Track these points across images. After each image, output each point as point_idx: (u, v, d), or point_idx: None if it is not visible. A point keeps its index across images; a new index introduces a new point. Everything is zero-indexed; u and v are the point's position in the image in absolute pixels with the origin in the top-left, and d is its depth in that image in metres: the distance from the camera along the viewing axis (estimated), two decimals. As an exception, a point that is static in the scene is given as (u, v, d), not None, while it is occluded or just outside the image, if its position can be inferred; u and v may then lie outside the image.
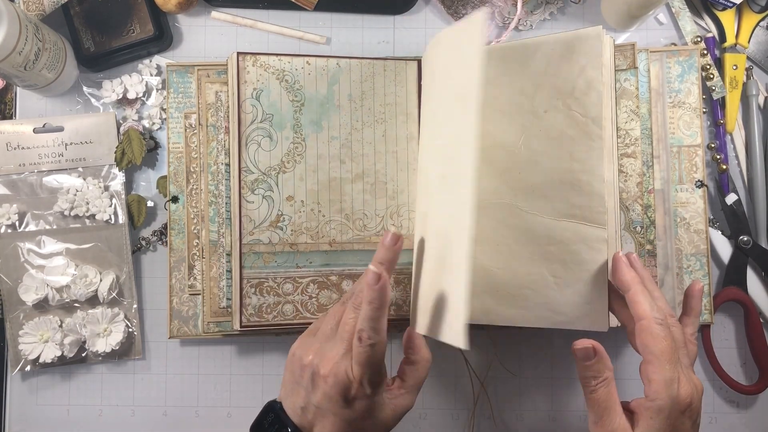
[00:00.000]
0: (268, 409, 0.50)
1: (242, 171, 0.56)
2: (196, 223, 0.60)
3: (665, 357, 0.43)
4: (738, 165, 0.63)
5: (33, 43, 0.56)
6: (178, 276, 0.60)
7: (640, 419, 0.44)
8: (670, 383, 0.42)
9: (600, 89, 0.50)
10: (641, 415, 0.44)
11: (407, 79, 0.59)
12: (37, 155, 0.63)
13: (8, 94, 0.66)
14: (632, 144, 0.57)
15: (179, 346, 0.64)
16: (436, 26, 0.65)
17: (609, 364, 0.45)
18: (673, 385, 0.42)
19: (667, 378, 0.42)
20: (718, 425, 0.62)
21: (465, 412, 0.63)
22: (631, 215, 0.57)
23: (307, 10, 0.65)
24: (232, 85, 0.56)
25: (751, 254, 0.62)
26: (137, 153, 0.62)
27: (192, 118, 0.61)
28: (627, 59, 0.58)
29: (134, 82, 0.64)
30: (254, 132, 0.57)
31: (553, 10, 0.64)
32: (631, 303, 0.45)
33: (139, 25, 0.63)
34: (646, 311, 0.44)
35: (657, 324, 0.43)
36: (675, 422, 0.42)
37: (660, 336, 0.43)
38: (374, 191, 0.58)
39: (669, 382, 0.42)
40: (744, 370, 0.63)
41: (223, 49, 0.65)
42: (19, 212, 0.62)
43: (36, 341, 0.61)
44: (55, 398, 0.63)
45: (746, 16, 0.63)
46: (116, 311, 0.62)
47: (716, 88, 0.62)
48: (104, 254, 0.63)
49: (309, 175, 0.57)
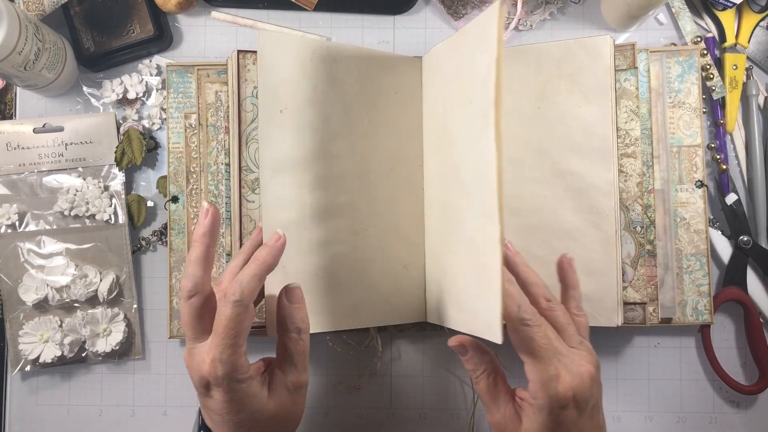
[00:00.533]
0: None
1: (243, 170, 0.56)
2: (196, 223, 0.60)
3: (537, 357, 0.42)
4: (738, 165, 0.63)
5: (33, 43, 0.56)
6: (178, 276, 0.60)
7: (524, 415, 0.44)
8: (546, 383, 0.42)
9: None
10: (525, 410, 0.44)
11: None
12: (37, 155, 0.63)
13: (8, 94, 0.66)
14: (632, 144, 0.57)
15: (179, 346, 0.64)
16: (436, 26, 0.65)
17: (486, 357, 0.46)
18: (550, 384, 0.42)
19: (543, 378, 0.42)
20: (718, 425, 0.62)
21: (465, 412, 0.63)
22: (631, 215, 0.57)
23: (307, 10, 0.65)
24: (233, 83, 0.56)
25: (751, 254, 0.62)
26: (137, 153, 0.62)
27: (192, 118, 0.61)
28: (627, 59, 0.58)
29: (134, 82, 0.64)
30: (255, 131, 0.56)
31: (553, 10, 0.64)
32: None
33: (139, 25, 0.63)
34: (510, 313, 0.43)
35: (523, 326, 0.42)
36: (558, 417, 0.42)
37: (528, 337, 0.42)
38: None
39: (545, 381, 0.42)
40: (744, 370, 0.63)
41: (223, 49, 0.65)
42: (19, 212, 0.62)
43: (36, 341, 0.61)
44: (55, 398, 0.63)
45: (746, 16, 0.64)
46: (116, 311, 0.62)
47: (716, 88, 0.62)
48: (104, 254, 0.63)
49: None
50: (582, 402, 0.42)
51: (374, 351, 0.63)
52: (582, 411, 0.43)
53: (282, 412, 0.45)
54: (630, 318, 0.57)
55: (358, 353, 0.63)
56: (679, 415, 0.62)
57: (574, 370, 0.43)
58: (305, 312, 0.47)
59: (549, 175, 0.55)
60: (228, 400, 0.43)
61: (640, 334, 0.62)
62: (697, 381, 0.62)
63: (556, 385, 0.42)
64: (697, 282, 0.59)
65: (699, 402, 0.62)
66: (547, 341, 0.42)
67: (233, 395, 0.43)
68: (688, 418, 0.62)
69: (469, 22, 0.64)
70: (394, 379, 0.63)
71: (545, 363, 0.42)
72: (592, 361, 0.44)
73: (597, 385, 0.44)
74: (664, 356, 0.62)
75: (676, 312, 0.59)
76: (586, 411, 0.43)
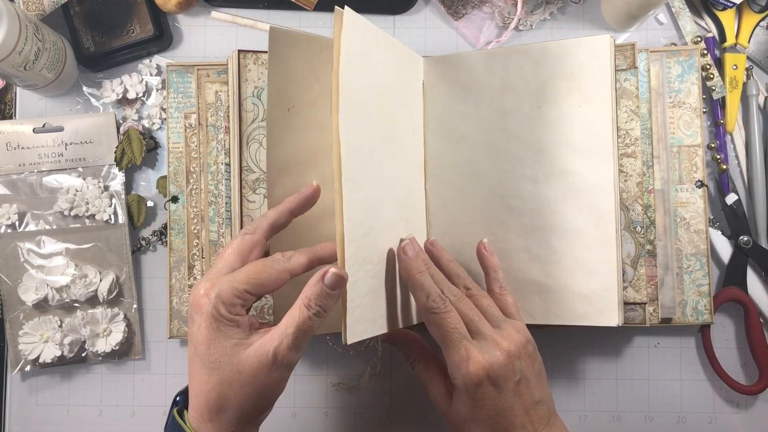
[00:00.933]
0: None
1: (243, 170, 0.56)
2: (196, 223, 0.60)
3: (447, 341, 0.45)
4: (738, 165, 0.63)
5: (33, 43, 0.56)
6: (178, 276, 0.60)
7: (453, 393, 0.47)
8: (458, 364, 0.44)
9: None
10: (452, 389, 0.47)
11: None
12: (37, 155, 0.63)
13: (8, 94, 0.66)
14: (632, 144, 0.57)
15: (179, 346, 0.64)
16: (436, 26, 0.65)
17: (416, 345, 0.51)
18: (461, 365, 0.44)
19: (455, 360, 0.45)
20: (718, 425, 0.62)
21: (465, 412, 0.63)
22: (631, 215, 0.57)
23: (307, 10, 0.65)
24: (233, 83, 0.56)
25: (751, 254, 0.62)
26: (137, 153, 0.62)
27: (192, 118, 0.61)
28: (627, 59, 0.58)
29: (134, 82, 0.64)
30: (255, 131, 0.56)
31: (553, 10, 0.64)
32: (412, 289, 0.48)
33: (139, 25, 0.63)
34: (420, 303, 0.47)
35: (431, 314, 0.46)
36: (475, 395, 0.44)
37: (437, 324, 0.45)
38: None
39: (456, 363, 0.44)
40: (744, 370, 0.63)
41: (223, 49, 0.65)
42: (19, 212, 0.62)
43: (36, 341, 0.61)
44: (54, 398, 0.63)
45: (746, 16, 0.64)
46: (116, 311, 0.62)
47: (716, 88, 0.62)
48: (104, 254, 0.63)
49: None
50: (499, 379, 0.44)
51: (374, 351, 0.63)
52: (501, 388, 0.44)
53: (259, 379, 0.42)
54: (630, 318, 0.57)
55: (358, 353, 0.63)
56: (679, 415, 0.62)
57: (489, 350, 0.45)
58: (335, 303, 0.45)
59: (549, 175, 0.55)
60: (206, 326, 0.42)
61: (640, 334, 0.62)
62: (697, 381, 0.62)
63: (467, 366, 0.44)
64: (697, 282, 0.59)
65: (699, 402, 0.62)
66: (454, 326, 0.45)
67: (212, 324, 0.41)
68: (688, 418, 0.62)
69: (469, 22, 0.64)
70: (394, 379, 0.63)
71: (455, 346, 0.45)
72: (514, 339, 0.46)
73: (523, 361, 0.46)
74: (664, 356, 0.62)
75: (676, 312, 0.59)
76: (507, 387, 0.44)
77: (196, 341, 0.42)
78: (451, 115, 0.57)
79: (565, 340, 0.63)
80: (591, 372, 0.63)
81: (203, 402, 0.42)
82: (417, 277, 0.47)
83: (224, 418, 0.42)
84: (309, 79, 0.51)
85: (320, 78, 0.52)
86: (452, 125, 0.57)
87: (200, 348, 0.42)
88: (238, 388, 0.42)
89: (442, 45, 0.65)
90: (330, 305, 0.43)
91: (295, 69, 0.50)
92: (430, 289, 0.46)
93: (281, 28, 0.49)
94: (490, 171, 0.56)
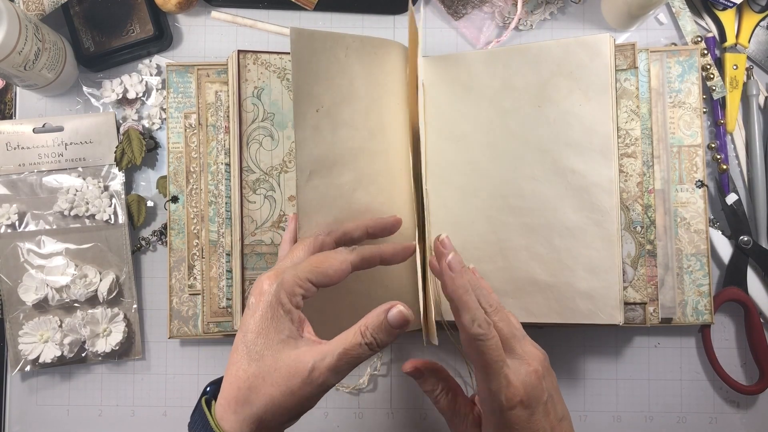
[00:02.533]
0: None
1: (243, 171, 0.56)
2: (196, 223, 0.60)
3: (487, 370, 0.43)
4: (738, 165, 0.63)
5: (33, 43, 0.56)
6: (178, 276, 0.60)
7: (483, 419, 0.46)
8: (495, 392, 0.43)
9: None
10: (481, 413, 0.46)
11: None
12: (36, 155, 0.63)
13: (8, 94, 0.65)
14: (632, 144, 0.57)
15: (179, 346, 0.64)
16: (436, 26, 0.65)
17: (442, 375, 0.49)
18: (499, 392, 0.43)
19: (493, 388, 0.43)
20: (718, 425, 0.62)
21: (465, 412, 0.63)
22: (631, 215, 0.57)
23: (307, 10, 0.65)
24: (233, 83, 0.56)
25: (751, 254, 0.62)
26: (137, 153, 0.62)
27: (192, 118, 0.61)
28: (627, 59, 0.58)
29: (134, 82, 0.64)
30: (255, 131, 0.56)
31: (553, 10, 0.64)
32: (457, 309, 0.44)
33: (139, 25, 0.63)
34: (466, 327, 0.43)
35: (477, 341, 0.42)
36: (508, 420, 0.43)
37: (480, 351, 0.42)
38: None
39: (494, 391, 0.43)
40: (744, 370, 0.63)
41: (223, 49, 0.65)
42: (18, 212, 0.62)
43: (36, 341, 0.61)
44: (54, 398, 0.63)
45: (746, 16, 0.63)
46: (116, 311, 0.62)
47: (716, 88, 0.62)
48: (104, 254, 0.63)
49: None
50: (531, 401, 0.43)
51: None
52: (533, 410, 0.43)
53: (291, 385, 0.40)
54: (630, 318, 0.57)
55: (359, 353, 0.63)
56: (679, 415, 0.62)
57: (522, 372, 0.43)
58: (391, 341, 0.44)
59: (550, 174, 0.55)
60: (261, 313, 0.41)
61: (640, 334, 0.62)
62: (697, 381, 0.62)
63: (504, 393, 0.42)
64: (698, 282, 0.59)
65: (699, 402, 0.62)
66: (497, 353, 0.43)
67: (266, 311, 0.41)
68: (688, 418, 0.62)
69: (469, 22, 0.64)
70: (394, 379, 0.63)
71: (495, 374, 0.42)
72: (537, 357, 0.45)
73: (547, 379, 0.45)
74: (664, 356, 0.62)
75: (677, 312, 0.59)
76: (538, 409, 0.44)
77: (247, 328, 0.41)
78: (451, 115, 0.57)
79: (565, 340, 0.63)
80: (591, 372, 0.63)
81: (234, 390, 0.41)
82: (464, 297, 0.43)
83: (247, 413, 0.41)
84: (337, 79, 0.50)
85: (349, 76, 0.51)
86: (453, 125, 0.57)
87: (249, 336, 0.41)
88: (269, 385, 0.40)
89: (442, 45, 0.65)
90: (386, 341, 0.41)
91: (321, 69, 0.49)
92: (476, 312, 0.43)
93: (303, 29, 0.48)
94: (491, 170, 0.56)
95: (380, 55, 0.53)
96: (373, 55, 0.52)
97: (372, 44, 0.52)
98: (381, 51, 0.53)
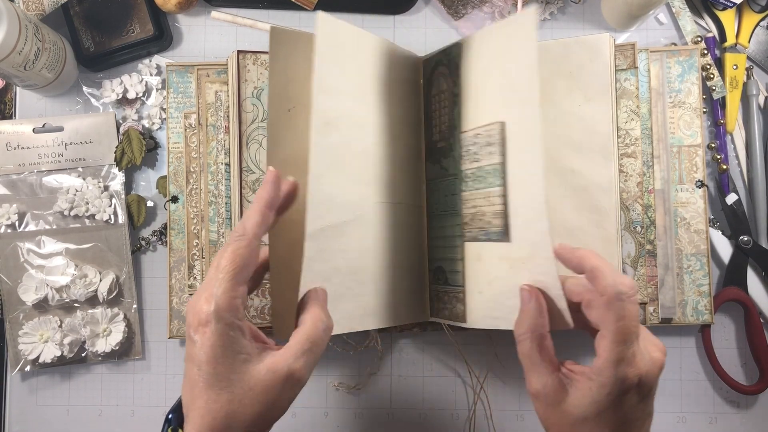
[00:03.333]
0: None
1: (243, 171, 0.56)
2: (196, 223, 0.60)
3: (621, 335, 0.40)
4: (738, 165, 0.63)
5: (33, 43, 0.56)
6: (178, 276, 0.60)
7: (575, 388, 0.42)
8: (619, 362, 0.40)
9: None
10: (578, 384, 0.42)
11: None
12: (36, 155, 0.63)
13: (8, 94, 0.65)
14: (632, 144, 0.57)
15: (179, 346, 0.64)
16: (436, 26, 0.65)
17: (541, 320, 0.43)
18: (621, 365, 0.40)
19: (618, 357, 0.40)
20: (718, 425, 0.62)
21: (465, 412, 0.63)
22: (631, 215, 0.57)
23: (307, 10, 0.65)
24: (233, 84, 0.56)
25: (751, 254, 0.61)
26: (137, 153, 0.62)
27: (192, 118, 0.61)
28: (627, 59, 0.58)
29: (134, 82, 0.64)
30: (255, 131, 0.56)
31: (553, 10, 0.64)
32: (594, 276, 0.42)
33: (139, 25, 0.63)
34: (605, 286, 0.40)
35: (618, 300, 0.40)
36: (616, 399, 0.40)
37: (620, 313, 0.40)
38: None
39: (618, 361, 0.40)
40: (744, 370, 0.63)
41: (223, 49, 0.65)
42: (18, 212, 0.62)
43: (36, 341, 0.61)
44: (54, 398, 0.63)
45: (746, 16, 0.63)
46: (116, 311, 0.62)
47: (716, 88, 0.62)
48: (104, 254, 0.63)
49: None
50: (645, 388, 0.41)
51: (374, 351, 0.63)
52: (644, 398, 0.41)
53: (270, 396, 0.40)
54: (630, 318, 0.57)
55: (358, 353, 0.63)
56: (679, 415, 0.62)
57: (647, 355, 0.41)
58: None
59: (550, 174, 0.55)
60: (211, 344, 0.39)
61: (640, 334, 0.62)
62: (697, 381, 0.62)
63: (627, 367, 0.40)
64: (698, 282, 0.59)
65: (699, 402, 0.62)
66: (636, 320, 0.40)
67: (217, 339, 0.39)
68: (688, 418, 0.62)
69: (469, 21, 0.64)
70: (394, 379, 0.63)
71: (627, 343, 0.40)
72: (663, 348, 0.43)
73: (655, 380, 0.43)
74: (665, 356, 0.62)
75: (677, 312, 0.59)
76: (647, 397, 0.42)
77: (200, 361, 0.40)
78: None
79: (565, 340, 0.63)
80: (591, 372, 0.63)
81: (208, 422, 0.40)
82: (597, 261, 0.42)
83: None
84: (310, 80, 0.51)
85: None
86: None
87: (205, 368, 0.39)
88: (249, 405, 0.40)
89: (442, 45, 0.65)
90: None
91: (296, 69, 0.50)
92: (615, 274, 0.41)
93: (282, 27, 0.48)
94: None
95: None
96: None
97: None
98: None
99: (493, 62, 0.50)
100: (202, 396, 0.40)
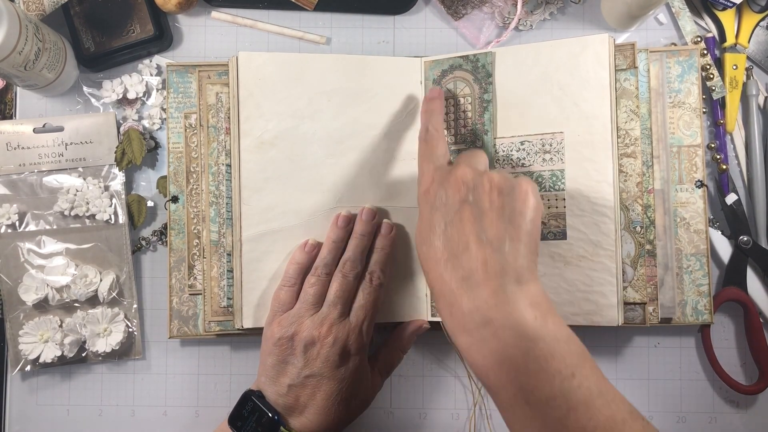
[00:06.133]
0: (246, 399, 0.52)
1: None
2: (196, 223, 0.60)
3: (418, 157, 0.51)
4: (738, 165, 0.63)
5: (33, 43, 0.56)
6: (178, 276, 0.60)
7: None
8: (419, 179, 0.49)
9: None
10: None
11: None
12: (37, 155, 0.63)
13: (8, 94, 0.66)
14: (632, 144, 0.57)
15: (179, 346, 0.64)
16: (436, 26, 0.65)
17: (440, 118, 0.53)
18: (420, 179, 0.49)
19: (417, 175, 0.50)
20: (717, 425, 0.62)
21: (465, 412, 0.63)
22: (631, 215, 0.57)
23: (307, 10, 0.65)
24: (234, 86, 0.56)
25: (751, 254, 0.62)
26: (137, 153, 0.62)
27: (192, 118, 0.61)
28: (627, 59, 0.58)
29: (134, 82, 0.64)
30: (254, 132, 0.56)
31: (553, 10, 0.64)
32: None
33: (139, 25, 0.63)
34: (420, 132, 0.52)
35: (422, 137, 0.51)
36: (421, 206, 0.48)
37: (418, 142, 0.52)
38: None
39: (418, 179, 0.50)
40: (744, 370, 0.63)
41: (224, 49, 0.65)
42: (19, 212, 0.62)
43: (36, 341, 0.61)
44: (54, 398, 0.63)
45: (746, 16, 0.64)
46: (116, 311, 0.62)
47: (716, 88, 0.62)
48: (104, 254, 0.63)
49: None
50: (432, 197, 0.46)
51: (374, 351, 0.63)
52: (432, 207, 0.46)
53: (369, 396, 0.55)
54: (630, 318, 0.57)
55: (358, 353, 0.63)
56: (679, 415, 0.62)
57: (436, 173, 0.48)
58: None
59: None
60: (355, 368, 0.52)
61: (640, 334, 0.62)
62: (697, 381, 0.62)
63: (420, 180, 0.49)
64: (697, 282, 0.59)
65: (699, 402, 0.62)
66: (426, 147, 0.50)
67: (361, 364, 0.52)
68: (688, 418, 0.62)
69: (469, 22, 0.64)
70: (394, 379, 0.63)
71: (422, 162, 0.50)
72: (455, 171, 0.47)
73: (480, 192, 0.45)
74: (664, 356, 0.62)
75: (676, 312, 0.59)
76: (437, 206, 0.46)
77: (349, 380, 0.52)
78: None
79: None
80: (591, 372, 0.63)
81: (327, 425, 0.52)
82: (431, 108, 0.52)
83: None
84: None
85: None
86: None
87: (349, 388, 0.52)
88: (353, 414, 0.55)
89: (442, 45, 0.65)
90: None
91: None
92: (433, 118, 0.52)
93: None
94: None
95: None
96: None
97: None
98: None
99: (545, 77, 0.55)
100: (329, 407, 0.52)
